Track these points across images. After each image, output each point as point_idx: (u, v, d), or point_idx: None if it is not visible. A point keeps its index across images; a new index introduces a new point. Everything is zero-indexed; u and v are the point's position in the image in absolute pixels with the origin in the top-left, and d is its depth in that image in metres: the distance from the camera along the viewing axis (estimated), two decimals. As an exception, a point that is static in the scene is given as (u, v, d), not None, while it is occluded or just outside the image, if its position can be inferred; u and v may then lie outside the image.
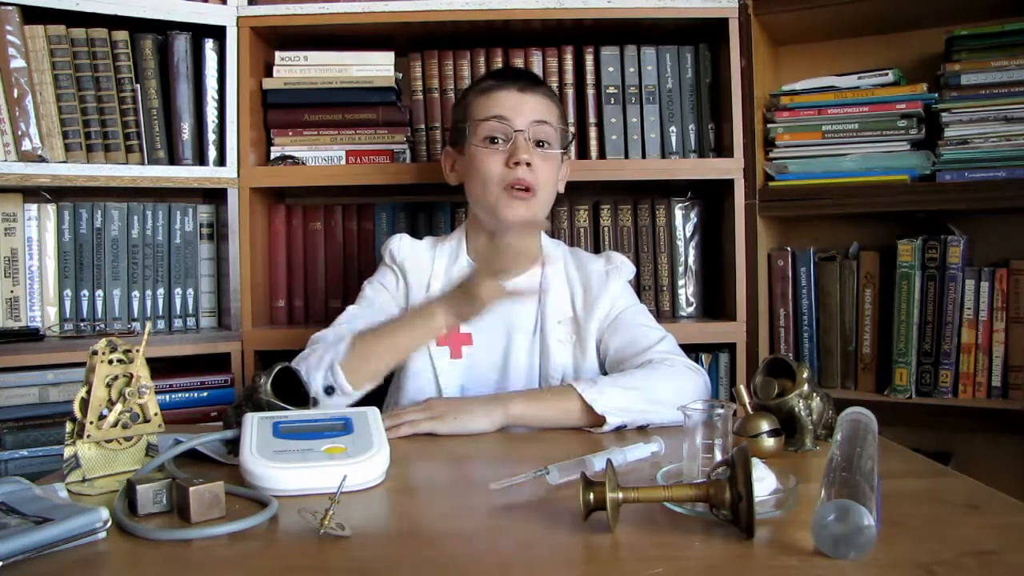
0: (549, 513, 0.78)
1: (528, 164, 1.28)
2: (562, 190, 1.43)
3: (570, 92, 1.72)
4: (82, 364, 0.91)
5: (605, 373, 1.34)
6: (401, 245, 1.41)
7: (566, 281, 1.39)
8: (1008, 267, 1.56)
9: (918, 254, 1.60)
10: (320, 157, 1.74)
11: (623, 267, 1.42)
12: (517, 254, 1.17)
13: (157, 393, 0.95)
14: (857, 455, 0.77)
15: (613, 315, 1.36)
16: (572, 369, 1.34)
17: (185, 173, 1.64)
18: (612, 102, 1.72)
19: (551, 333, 1.35)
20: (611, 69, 1.72)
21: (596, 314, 1.36)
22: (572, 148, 1.68)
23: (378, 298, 1.38)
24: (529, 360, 1.36)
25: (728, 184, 1.68)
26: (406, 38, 1.74)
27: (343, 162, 1.73)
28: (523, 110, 1.31)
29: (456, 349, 1.33)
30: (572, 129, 1.69)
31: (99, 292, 1.66)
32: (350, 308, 1.37)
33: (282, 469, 0.84)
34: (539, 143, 1.32)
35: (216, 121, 1.68)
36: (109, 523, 0.72)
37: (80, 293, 1.66)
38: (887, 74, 1.65)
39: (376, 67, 1.72)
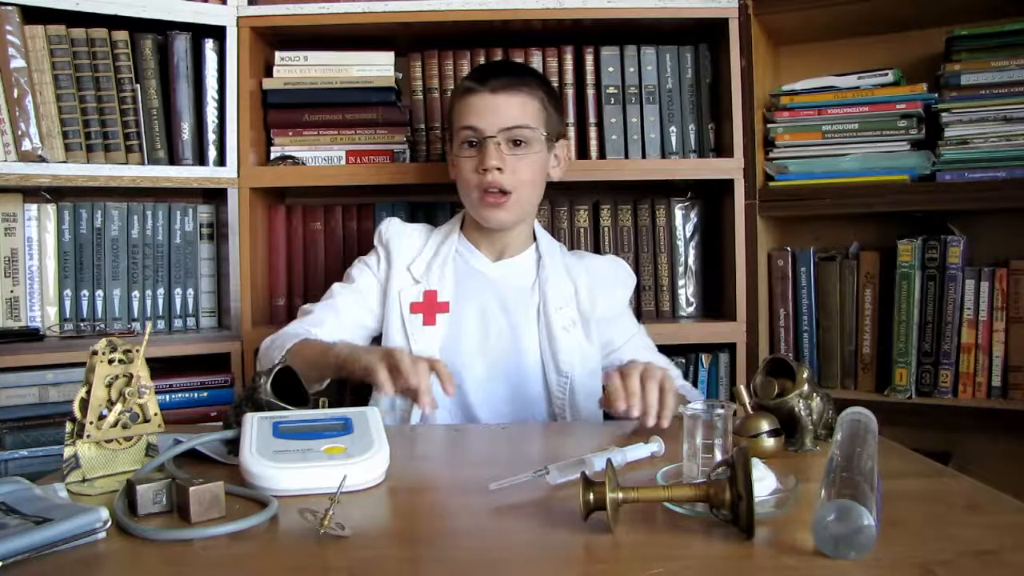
0: (549, 513, 0.78)
1: (499, 169, 1.32)
2: (556, 178, 1.44)
3: (570, 92, 1.72)
4: (82, 364, 0.91)
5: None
6: (390, 226, 1.44)
7: (565, 271, 1.42)
8: (1008, 267, 1.56)
9: (918, 254, 1.60)
10: (320, 157, 1.74)
11: (629, 280, 1.48)
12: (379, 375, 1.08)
13: (157, 393, 0.95)
14: (857, 455, 0.77)
15: (624, 336, 1.42)
16: (580, 356, 1.36)
17: (185, 173, 1.64)
18: (612, 102, 1.72)
19: (554, 319, 1.37)
20: (611, 69, 1.72)
21: (599, 308, 1.40)
22: (571, 136, 1.68)
23: (361, 278, 1.43)
24: (531, 342, 1.37)
25: (728, 184, 1.68)
26: (406, 38, 1.74)
27: (343, 162, 1.73)
28: (494, 116, 1.33)
29: (430, 316, 1.36)
30: (569, 120, 1.70)
31: (99, 292, 1.66)
32: (335, 285, 1.43)
33: (282, 469, 0.84)
34: (516, 142, 1.35)
35: (216, 121, 1.68)
36: (109, 523, 0.72)
37: (80, 293, 1.66)
38: (887, 74, 1.65)
39: (376, 67, 1.72)
